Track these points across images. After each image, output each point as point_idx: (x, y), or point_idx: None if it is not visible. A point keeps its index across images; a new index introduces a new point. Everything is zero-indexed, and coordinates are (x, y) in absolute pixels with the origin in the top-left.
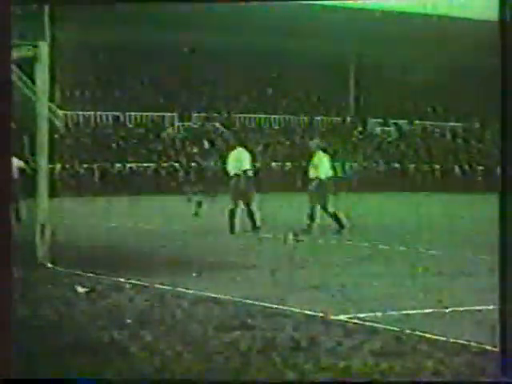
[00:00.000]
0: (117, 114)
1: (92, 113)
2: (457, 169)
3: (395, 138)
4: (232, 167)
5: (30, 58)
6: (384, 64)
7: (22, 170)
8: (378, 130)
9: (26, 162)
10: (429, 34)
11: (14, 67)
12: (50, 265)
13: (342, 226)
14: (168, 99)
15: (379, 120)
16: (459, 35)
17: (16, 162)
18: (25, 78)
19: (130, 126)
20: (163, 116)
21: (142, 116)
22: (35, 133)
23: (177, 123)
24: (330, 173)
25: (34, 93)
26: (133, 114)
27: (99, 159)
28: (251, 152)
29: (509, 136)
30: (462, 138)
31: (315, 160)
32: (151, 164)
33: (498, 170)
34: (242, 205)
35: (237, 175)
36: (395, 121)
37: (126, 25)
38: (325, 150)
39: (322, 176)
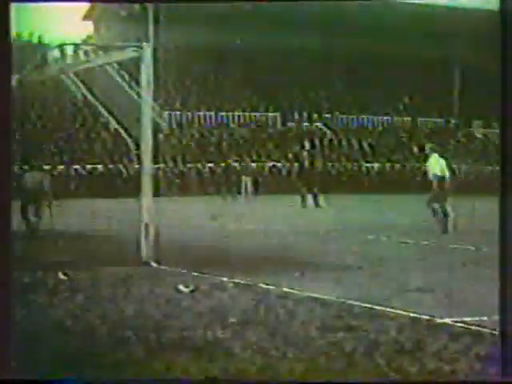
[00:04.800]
0: (221, 114)
1: (196, 113)
2: None
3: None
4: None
5: (134, 59)
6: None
7: None
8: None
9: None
10: None
11: (118, 68)
12: (154, 264)
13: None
14: (271, 99)
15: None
16: None
17: None
18: (129, 79)
19: (233, 126)
20: (266, 116)
21: (244, 116)
22: (139, 133)
23: (279, 123)
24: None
25: (138, 94)
26: (236, 114)
27: (203, 159)
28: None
29: (509, 136)
30: None
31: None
32: (253, 164)
33: None
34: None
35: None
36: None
37: (230, 25)
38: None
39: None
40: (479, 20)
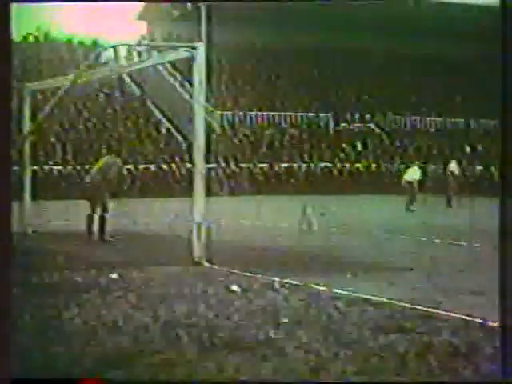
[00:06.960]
0: (272, 114)
1: (248, 113)
2: None
3: None
4: None
5: (187, 59)
6: None
7: None
8: None
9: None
10: None
11: (170, 68)
12: (206, 263)
13: None
14: (323, 100)
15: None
16: None
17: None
18: (181, 79)
19: (285, 126)
20: (318, 116)
21: (296, 116)
22: (192, 133)
23: (331, 124)
24: None
25: (190, 94)
26: (287, 114)
27: (254, 159)
28: None
29: (509, 136)
30: None
31: None
32: (304, 164)
33: None
34: None
35: None
36: None
37: (281, 25)
38: None
39: None
40: None
